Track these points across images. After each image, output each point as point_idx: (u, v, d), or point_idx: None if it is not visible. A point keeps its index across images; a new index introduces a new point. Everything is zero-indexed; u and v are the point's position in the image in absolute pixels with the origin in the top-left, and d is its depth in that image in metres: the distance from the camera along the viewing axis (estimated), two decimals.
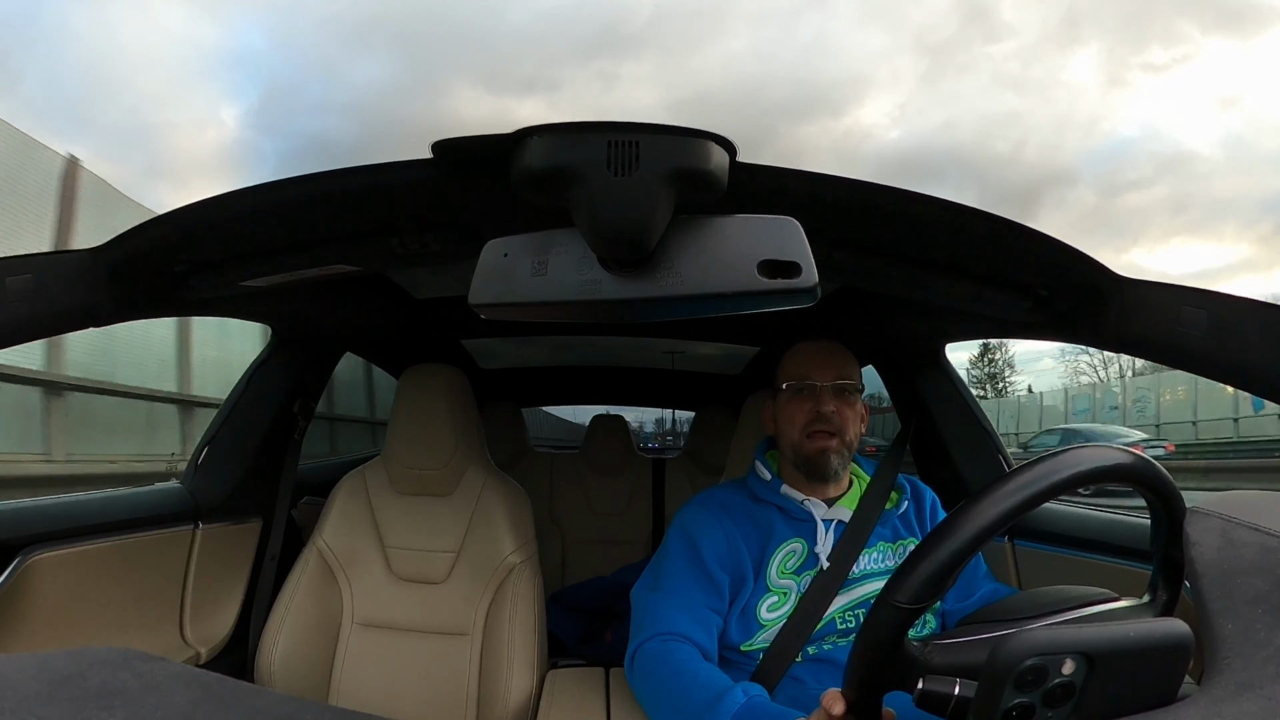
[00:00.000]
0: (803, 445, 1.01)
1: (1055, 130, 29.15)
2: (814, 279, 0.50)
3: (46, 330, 0.78)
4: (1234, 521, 0.49)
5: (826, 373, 1.02)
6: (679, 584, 0.95)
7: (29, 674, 0.38)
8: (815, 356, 1.05)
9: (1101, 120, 27.89)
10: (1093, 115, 28.16)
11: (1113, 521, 1.09)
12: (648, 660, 0.90)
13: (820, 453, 1.00)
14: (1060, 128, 29.01)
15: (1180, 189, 24.03)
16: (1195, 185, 24.45)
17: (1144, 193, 25.82)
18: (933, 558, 0.53)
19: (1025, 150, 26.79)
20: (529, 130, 0.53)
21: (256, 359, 1.41)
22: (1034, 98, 29.30)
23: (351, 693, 1.18)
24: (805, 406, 1.01)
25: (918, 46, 34.30)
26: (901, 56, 35.21)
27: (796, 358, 1.06)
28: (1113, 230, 25.60)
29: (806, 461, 1.01)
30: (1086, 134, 28.80)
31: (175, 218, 0.75)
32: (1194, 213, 22.29)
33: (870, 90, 37.43)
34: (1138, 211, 25.71)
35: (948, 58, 32.68)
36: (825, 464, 1.00)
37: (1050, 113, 29.31)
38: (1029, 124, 29.01)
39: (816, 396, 1.01)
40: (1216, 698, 0.40)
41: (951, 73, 32.50)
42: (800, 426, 1.01)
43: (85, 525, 1.00)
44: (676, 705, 0.84)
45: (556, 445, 3.81)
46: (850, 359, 1.06)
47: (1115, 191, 27.02)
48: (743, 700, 0.79)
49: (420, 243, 0.79)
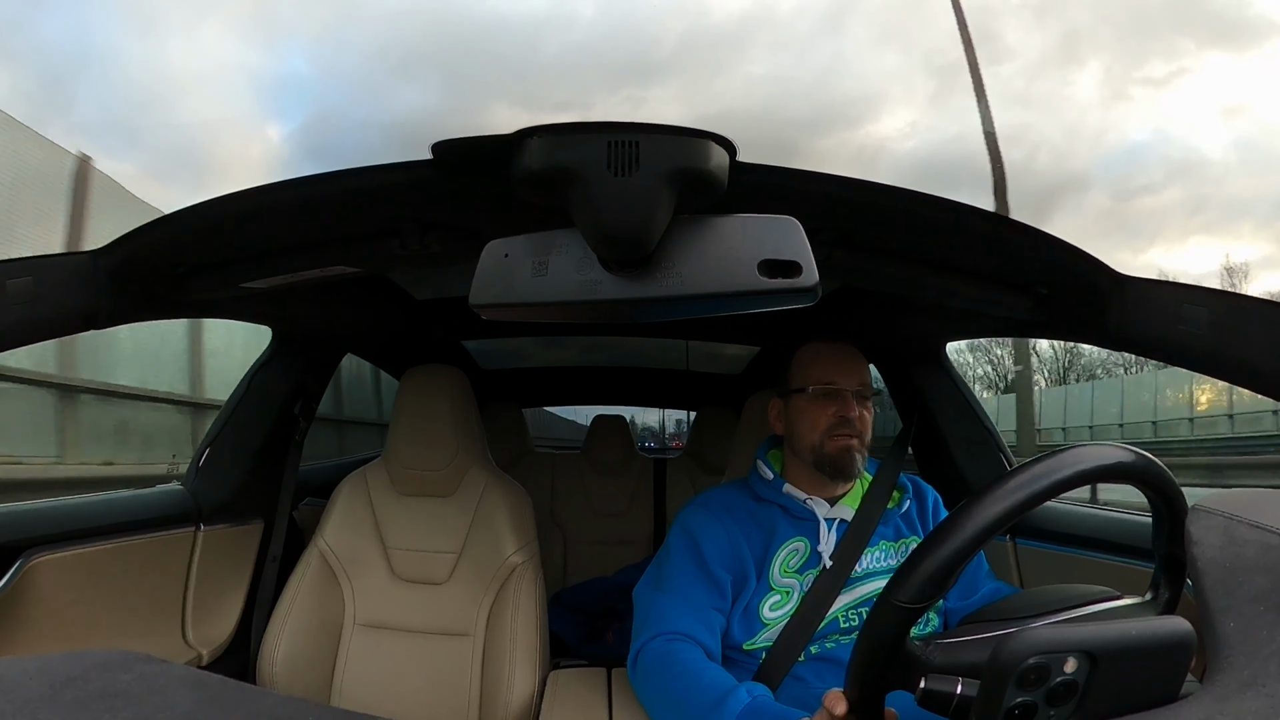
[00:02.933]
0: (825, 445, 1.00)
1: (1066, 139, 29.25)
2: (814, 278, 0.50)
3: (47, 333, 0.78)
4: (1236, 519, 0.49)
5: (851, 378, 1.02)
6: (682, 584, 0.95)
7: (30, 676, 0.38)
8: (839, 359, 1.04)
9: (1110, 130, 28.06)
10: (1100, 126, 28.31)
11: (1114, 520, 1.08)
12: (651, 660, 0.90)
13: (845, 450, 0.99)
14: (1071, 136, 29.10)
15: (1195, 191, 24.14)
16: (1209, 188, 24.57)
17: (1157, 196, 25.97)
18: (935, 556, 0.53)
19: (1037, 159, 26.85)
20: (529, 131, 0.53)
21: (257, 360, 1.41)
22: (1041, 112, 29.43)
23: (353, 694, 1.18)
24: (829, 410, 1.01)
25: (927, 68, 34.44)
26: (913, 76, 35.36)
27: (817, 360, 1.05)
28: (1129, 232, 25.67)
29: (830, 461, 1.00)
30: (1096, 142, 28.93)
31: (176, 220, 0.75)
32: (1210, 213, 22.41)
33: (885, 106, 37.66)
34: (1153, 214, 25.79)
35: (955, 78, 32.92)
36: (850, 462, 0.99)
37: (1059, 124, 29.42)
38: (1039, 135, 29.10)
39: (842, 401, 1.01)
40: (1219, 696, 0.40)
41: (960, 92, 32.73)
42: (823, 430, 1.00)
43: (87, 527, 1.00)
44: (680, 705, 0.84)
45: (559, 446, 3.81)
46: (866, 362, 1.07)
47: (1129, 195, 27.13)
48: (747, 700, 0.79)
49: (421, 244, 0.79)
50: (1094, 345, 0.91)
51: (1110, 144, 29.06)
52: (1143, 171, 28.11)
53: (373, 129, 36.59)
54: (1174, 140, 28.31)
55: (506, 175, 0.55)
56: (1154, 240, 27.23)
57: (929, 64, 33.15)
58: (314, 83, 43.02)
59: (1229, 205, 22.68)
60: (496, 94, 48.34)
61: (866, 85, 39.71)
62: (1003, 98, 26.72)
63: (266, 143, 26.86)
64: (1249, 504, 0.50)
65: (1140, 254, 22.97)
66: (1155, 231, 25.95)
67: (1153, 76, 26.48)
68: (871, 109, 37.75)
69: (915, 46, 34.09)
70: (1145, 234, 25.63)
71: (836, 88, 39.85)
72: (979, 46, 8.08)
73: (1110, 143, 29.01)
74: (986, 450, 1.35)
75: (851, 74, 38.74)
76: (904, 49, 35.52)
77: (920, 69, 33.31)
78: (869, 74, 37.92)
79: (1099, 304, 0.80)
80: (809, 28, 46.61)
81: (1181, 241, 28.70)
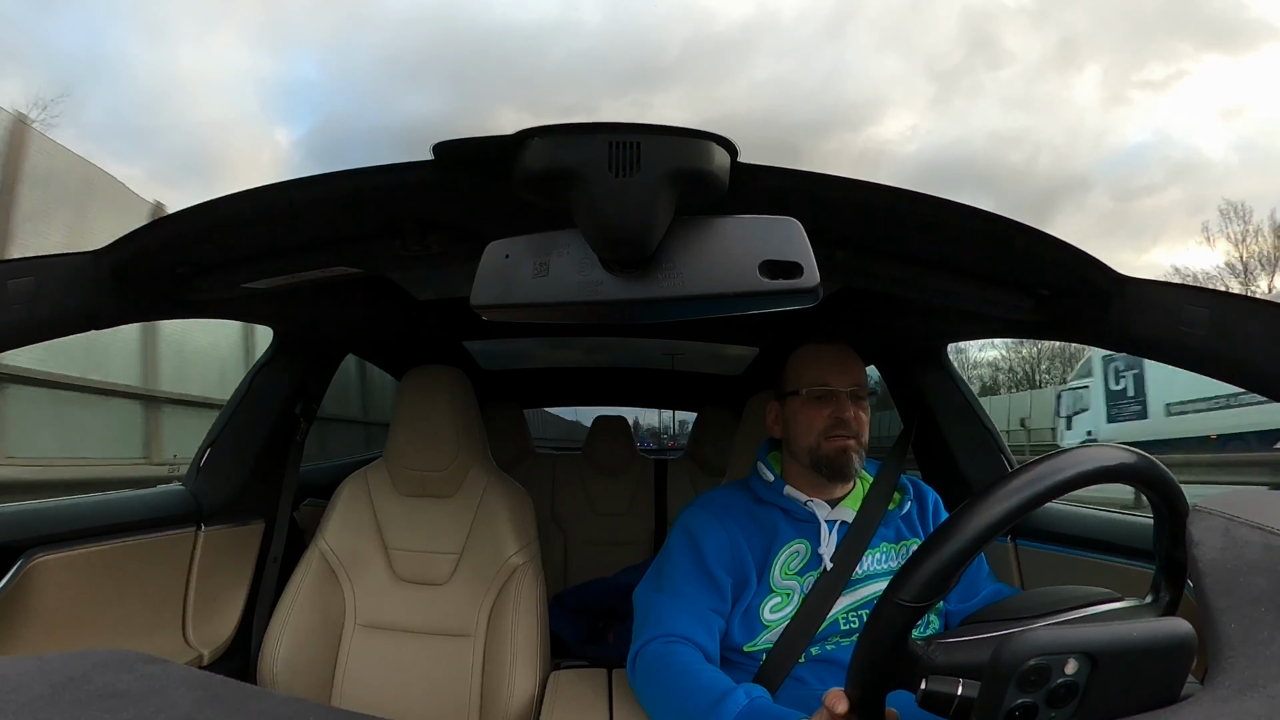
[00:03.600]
0: (822, 447, 1.00)
1: (1066, 140, 29.35)
2: (815, 279, 0.49)
3: (48, 333, 0.78)
4: (1237, 520, 0.49)
5: (845, 378, 1.02)
6: (682, 585, 0.95)
7: (31, 676, 0.38)
8: (832, 361, 1.04)
9: (1109, 131, 28.19)
10: (1100, 128, 28.43)
11: (1115, 521, 1.08)
12: (650, 661, 0.90)
13: (841, 451, 0.99)
14: (1071, 138, 29.21)
15: (1197, 191, 24.25)
16: (1211, 188, 24.65)
17: (1159, 196, 26.06)
18: (937, 556, 0.53)
19: (1038, 161, 26.99)
20: (530, 131, 0.53)
21: (258, 361, 1.41)
22: (1041, 115, 29.60)
23: (354, 694, 1.18)
24: (824, 412, 1.01)
25: (928, 73, 34.62)
26: (914, 81, 35.61)
27: (811, 362, 1.05)
28: (1132, 231, 25.78)
29: (828, 463, 1.00)
30: (1096, 144, 29.05)
31: (177, 220, 0.75)
32: (1213, 212, 22.56)
33: (887, 110, 37.85)
34: (1156, 213, 25.89)
35: (955, 83, 33.14)
36: (847, 462, 1.00)
37: (1059, 126, 29.56)
38: (1039, 137, 29.24)
39: (837, 402, 1.01)
40: (1220, 697, 0.40)
41: (960, 96, 32.96)
42: (819, 431, 1.00)
43: (88, 527, 1.00)
44: (678, 707, 0.84)
45: (559, 446, 3.81)
46: (860, 362, 1.06)
47: (1130, 196, 27.24)
48: (745, 702, 0.79)
49: (422, 244, 0.79)
50: (1095, 346, 0.91)
51: (1111, 146, 29.11)
52: (1144, 172, 28.19)
53: (381, 134, 36.75)
54: (1176, 140, 28.35)
55: (507, 176, 0.55)
56: (1157, 239, 27.26)
57: (930, 69, 33.26)
58: (323, 88, 43.33)
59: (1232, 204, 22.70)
60: (503, 99, 48.50)
61: (868, 89, 39.90)
62: (1003, 101, 26.78)
63: (275, 147, 26.92)
64: (1250, 505, 0.50)
65: (1144, 253, 23.03)
66: (1159, 231, 26.00)
67: (1151, 79, 26.56)
68: (873, 113, 37.88)
69: (916, 52, 34.20)
70: (1149, 233, 25.70)
71: (839, 92, 40.03)
72: (977, 52, 8.16)
73: (1111, 145, 29.07)
74: (987, 451, 1.35)
75: (854, 78, 38.93)
76: (905, 54, 35.66)
77: (921, 74, 33.43)
78: (871, 78, 38.10)
79: (1100, 305, 0.79)
80: (811, 34, 46.83)
81: (1184, 241, 28.75)
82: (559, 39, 52.97)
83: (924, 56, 33.15)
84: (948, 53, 40.27)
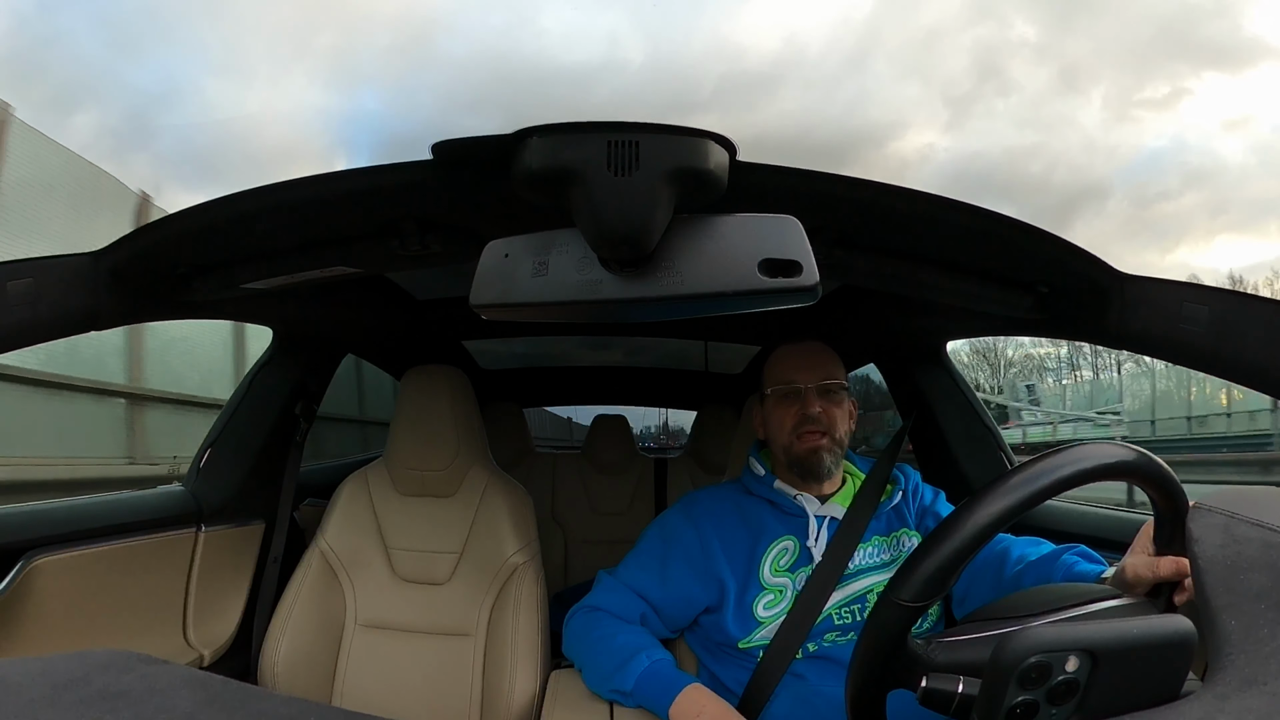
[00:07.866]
0: (793, 446, 1.02)
1: (1083, 151, 29.71)
2: (815, 277, 0.49)
3: (48, 334, 0.78)
4: (1237, 517, 0.49)
5: (810, 374, 1.03)
6: (632, 575, 1.02)
7: (31, 677, 0.38)
8: (798, 359, 1.06)
9: (1121, 145, 28.63)
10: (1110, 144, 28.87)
11: (1115, 518, 1.08)
12: (576, 626, 1.00)
13: (812, 452, 1.01)
14: (1087, 150, 29.57)
15: (1215, 195, 24.62)
16: (1229, 191, 25.00)
17: (1178, 201, 26.39)
18: (936, 555, 0.53)
19: (1056, 172, 27.29)
20: (529, 130, 0.52)
21: (258, 361, 1.41)
22: (1051, 135, 30.10)
23: (355, 694, 1.18)
24: (792, 410, 1.02)
25: (943, 99, 35.37)
26: (931, 105, 36.55)
27: (779, 362, 1.07)
28: (1155, 234, 26.11)
29: (799, 462, 1.02)
30: (1111, 155, 29.44)
31: (176, 220, 0.75)
32: (1233, 214, 22.71)
33: (907, 132, 38.71)
34: (1177, 216, 26.22)
35: (968, 108, 33.72)
36: (818, 462, 1.01)
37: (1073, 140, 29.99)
38: (1054, 151, 29.68)
39: (802, 399, 1.02)
40: (1220, 694, 0.40)
41: (973, 119, 33.54)
42: (789, 430, 1.02)
43: (88, 528, 1.00)
44: (594, 665, 0.94)
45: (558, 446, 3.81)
46: (834, 358, 1.07)
47: (1149, 202, 27.58)
48: (646, 664, 0.88)
49: (421, 244, 0.79)
50: (1095, 343, 0.91)
51: (1126, 156, 29.34)
52: (1162, 179, 28.44)
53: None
54: (1192, 146, 28.53)
55: (506, 175, 0.55)
56: (1180, 241, 27.42)
57: (944, 94, 33.60)
58: (383, 119, 44.01)
59: (1251, 205, 22.90)
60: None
61: (889, 114, 40.54)
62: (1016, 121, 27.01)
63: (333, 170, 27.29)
64: (1250, 502, 0.50)
65: (1168, 254, 23.17)
66: (1181, 233, 26.19)
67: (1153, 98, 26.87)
68: (894, 134, 38.35)
69: (932, 80, 34.60)
70: (1171, 235, 25.91)
71: (862, 117, 40.67)
72: (987, 80, 8.28)
73: (1125, 156, 29.30)
74: (987, 449, 1.35)
75: (875, 104, 39.62)
76: (924, 80, 36.14)
77: (936, 99, 33.77)
78: (891, 103, 38.68)
79: (1100, 302, 0.79)
80: (836, 66, 47.92)
81: (1208, 241, 28.94)
82: (603, 77, 54.15)
83: (939, 83, 33.84)
84: (959, 80, 41.07)
